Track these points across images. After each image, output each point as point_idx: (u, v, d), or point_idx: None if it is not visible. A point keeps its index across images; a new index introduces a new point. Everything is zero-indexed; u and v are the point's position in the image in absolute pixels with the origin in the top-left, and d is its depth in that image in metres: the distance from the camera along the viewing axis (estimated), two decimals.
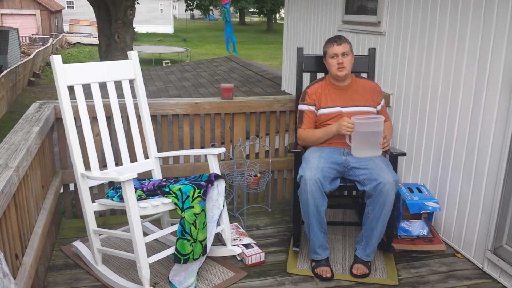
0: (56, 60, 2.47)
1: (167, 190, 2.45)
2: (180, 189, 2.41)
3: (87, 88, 2.60)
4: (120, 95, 2.77)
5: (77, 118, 2.56)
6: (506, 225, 2.55)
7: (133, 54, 2.86)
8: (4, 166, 1.92)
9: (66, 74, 2.50)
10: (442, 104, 2.97)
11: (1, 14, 32.98)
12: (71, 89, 2.52)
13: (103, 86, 2.70)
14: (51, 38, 29.41)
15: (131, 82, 2.85)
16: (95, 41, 25.03)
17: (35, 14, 33.70)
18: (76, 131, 2.50)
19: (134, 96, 2.85)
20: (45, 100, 3.12)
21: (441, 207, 2.97)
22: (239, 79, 8.02)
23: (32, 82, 18.73)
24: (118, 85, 2.78)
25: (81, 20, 35.81)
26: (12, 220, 1.91)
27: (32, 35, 31.85)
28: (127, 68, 2.82)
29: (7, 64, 18.61)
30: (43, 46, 25.62)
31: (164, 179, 2.75)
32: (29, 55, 20.85)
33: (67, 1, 39.61)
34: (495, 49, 2.52)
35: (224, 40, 4.20)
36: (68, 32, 34.50)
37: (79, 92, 2.57)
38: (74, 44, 31.33)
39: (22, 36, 26.78)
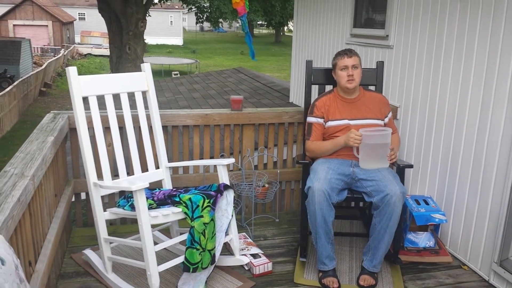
0: (72, 71, 2.53)
1: (177, 199, 2.50)
2: (190, 199, 2.46)
3: (100, 99, 2.67)
4: (132, 105, 2.83)
5: (90, 128, 2.62)
6: None
7: (146, 66, 2.93)
8: (20, 175, 1.97)
9: (81, 85, 2.56)
10: (449, 117, 3.00)
11: (14, 25, 33.51)
12: (84, 99, 2.59)
13: (115, 96, 2.76)
14: (63, 49, 29.81)
15: (144, 93, 2.91)
16: (106, 52, 25.36)
17: (47, 26, 34.22)
18: (89, 141, 2.56)
19: (145, 107, 2.91)
20: (59, 111, 3.19)
21: (448, 219, 2.98)
22: (247, 90, 8.08)
23: (44, 92, 18.97)
24: (130, 95, 2.84)
25: (92, 31, 36.29)
26: (26, 228, 1.96)
27: (44, 46, 32.32)
28: (140, 80, 2.88)
29: (19, 74, 18.88)
30: (54, 57, 25.96)
31: (174, 189, 2.79)
32: (41, 66, 21.14)
33: (78, 13, 40.18)
34: (502, 64, 2.55)
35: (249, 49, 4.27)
36: (79, 43, 34.97)
37: (93, 103, 2.63)
38: (85, 55, 31.75)
39: (34, 47, 27.19)
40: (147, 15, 11.34)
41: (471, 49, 2.78)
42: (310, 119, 2.92)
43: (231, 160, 2.81)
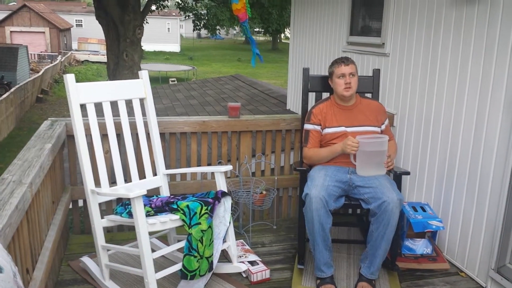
0: (70, 79, 2.54)
1: (175, 206, 2.50)
2: (187, 206, 2.46)
3: (97, 106, 2.67)
4: (130, 112, 2.83)
5: (87, 135, 2.62)
6: (509, 244, 2.57)
7: (144, 74, 2.94)
8: (18, 182, 1.97)
9: (79, 92, 2.57)
10: (445, 124, 3.02)
11: (11, 31, 33.52)
12: (82, 106, 2.60)
13: (113, 103, 2.77)
14: (60, 56, 29.81)
15: (141, 100, 2.92)
16: (103, 59, 25.37)
17: (44, 32, 34.24)
18: (87, 148, 2.56)
19: (143, 114, 2.92)
20: (56, 118, 3.19)
21: (445, 226, 2.99)
22: (245, 97, 8.10)
23: (40, 98, 18.95)
24: (127, 102, 2.85)
25: (89, 38, 36.33)
26: (24, 235, 1.96)
27: (41, 52, 32.31)
28: (138, 87, 2.89)
29: (16, 81, 18.86)
30: (51, 63, 25.96)
31: (172, 196, 2.80)
32: (38, 72, 21.13)
33: (76, 20, 40.24)
34: (497, 72, 2.57)
35: (251, 55, 4.32)
36: (76, 50, 34.98)
37: (91, 111, 2.64)
38: (82, 61, 31.75)
39: (31, 54, 27.17)
40: (145, 22, 11.39)
41: (467, 57, 2.81)
42: (307, 126, 2.93)
43: (229, 167, 2.82)
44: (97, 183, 2.64)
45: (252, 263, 2.82)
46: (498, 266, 2.59)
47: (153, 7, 15.30)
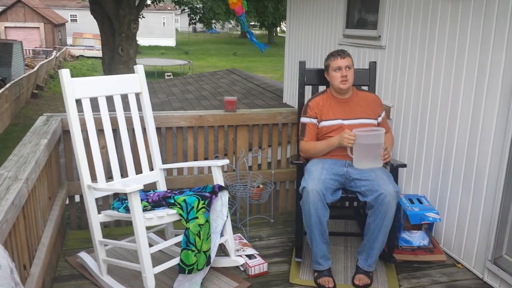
0: (65, 74, 2.53)
1: (172, 201, 2.49)
2: (185, 200, 2.46)
3: (93, 101, 2.66)
4: (125, 107, 2.82)
5: (83, 131, 2.61)
6: (505, 235, 2.58)
7: (139, 68, 2.92)
8: (14, 178, 1.97)
9: (74, 87, 2.56)
10: (442, 116, 3.02)
11: (5, 27, 33.33)
12: (77, 101, 2.58)
13: (108, 98, 2.76)
14: (55, 51, 29.66)
15: (137, 95, 2.91)
16: (98, 54, 25.26)
17: (38, 27, 34.06)
18: (83, 143, 2.55)
19: (139, 108, 2.91)
20: (51, 113, 3.18)
21: (441, 218, 3.00)
22: (241, 91, 8.09)
23: (36, 94, 18.87)
24: (123, 97, 2.83)
25: (84, 33, 36.16)
26: (21, 232, 1.96)
27: (35, 48, 32.14)
28: (134, 82, 2.88)
29: (11, 77, 18.76)
30: (46, 59, 25.82)
31: (169, 191, 2.79)
32: (33, 68, 21.02)
33: (70, 15, 40.04)
34: (493, 63, 2.57)
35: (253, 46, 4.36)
36: (71, 45, 34.82)
37: (87, 106, 2.63)
38: (77, 57, 31.61)
39: (25, 49, 27.01)
40: (140, 16, 11.33)
41: (463, 48, 2.80)
42: (303, 119, 2.93)
43: (225, 161, 2.82)
44: (94, 178, 2.64)
45: (250, 256, 2.83)
46: (495, 257, 2.61)
47: (149, 1, 15.25)
